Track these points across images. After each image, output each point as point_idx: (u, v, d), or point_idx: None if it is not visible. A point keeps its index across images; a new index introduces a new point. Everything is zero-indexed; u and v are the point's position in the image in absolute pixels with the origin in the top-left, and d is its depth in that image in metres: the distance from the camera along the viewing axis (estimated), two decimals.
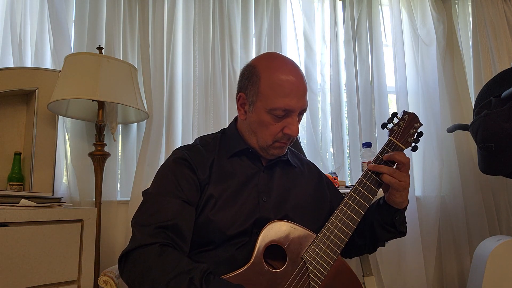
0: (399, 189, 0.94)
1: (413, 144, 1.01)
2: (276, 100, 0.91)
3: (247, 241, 0.91)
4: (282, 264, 0.87)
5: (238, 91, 1.02)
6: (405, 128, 1.00)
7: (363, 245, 1.09)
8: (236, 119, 1.10)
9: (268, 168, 1.03)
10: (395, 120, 1.02)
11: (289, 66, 0.96)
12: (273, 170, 1.03)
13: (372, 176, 0.96)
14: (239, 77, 1.03)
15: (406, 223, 1.06)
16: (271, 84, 0.92)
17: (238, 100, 1.01)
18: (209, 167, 0.97)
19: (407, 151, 1.02)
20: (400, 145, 0.99)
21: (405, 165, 0.94)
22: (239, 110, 1.02)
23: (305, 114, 1.02)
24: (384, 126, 1.03)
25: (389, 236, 1.04)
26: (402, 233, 1.05)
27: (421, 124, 1.02)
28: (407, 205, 1.00)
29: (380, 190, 0.99)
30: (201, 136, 1.10)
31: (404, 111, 1.04)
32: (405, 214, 2.15)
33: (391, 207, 0.99)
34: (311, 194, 1.06)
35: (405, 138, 1.00)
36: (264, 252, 0.86)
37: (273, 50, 2.11)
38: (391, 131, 1.02)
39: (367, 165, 0.99)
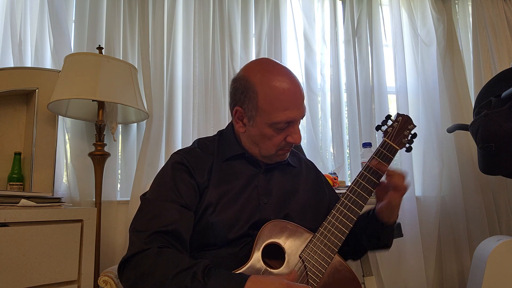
0: (392, 203, 0.94)
1: (407, 145, 1.02)
2: (277, 114, 0.91)
3: (250, 241, 0.92)
4: (280, 264, 0.87)
5: (234, 105, 0.99)
6: (399, 130, 1.02)
7: (348, 251, 1.07)
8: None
9: (267, 171, 1.03)
10: (389, 122, 1.04)
11: (284, 75, 0.93)
12: (272, 172, 1.03)
13: (368, 176, 0.97)
14: (232, 89, 1.00)
15: (393, 237, 1.04)
16: (270, 99, 0.91)
17: (234, 114, 0.99)
18: (208, 171, 0.97)
19: (403, 153, 1.03)
20: (395, 145, 1.00)
21: (401, 188, 0.94)
22: (236, 123, 1.00)
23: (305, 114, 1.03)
24: (378, 128, 1.05)
25: (372, 247, 1.04)
26: (386, 246, 1.04)
27: (415, 126, 1.03)
28: (396, 220, 1.00)
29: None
30: (199, 139, 1.09)
31: (397, 113, 1.05)
32: (405, 214, 2.15)
33: (379, 221, 0.99)
34: (311, 195, 1.06)
35: (399, 139, 1.01)
36: (262, 251, 0.86)
37: (273, 50, 2.11)
38: (385, 132, 1.03)
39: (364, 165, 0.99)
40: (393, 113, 1.11)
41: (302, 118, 0.98)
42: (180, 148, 1.90)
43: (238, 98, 0.97)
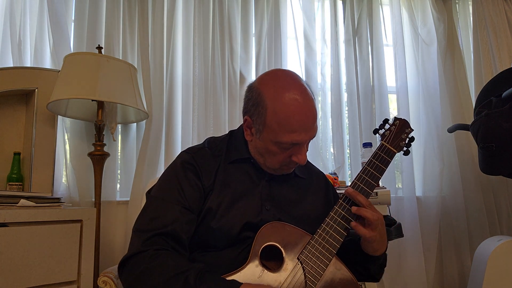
0: (367, 240, 0.90)
1: (404, 148, 1.03)
2: (283, 135, 0.88)
3: (250, 243, 0.91)
4: (278, 265, 0.86)
5: (245, 113, 0.97)
6: (397, 133, 1.03)
7: None
8: None
9: (272, 178, 1.01)
10: (387, 126, 1.05)
11: (298, 94, 0.89)
12: (277, 180, 1.02)
13: (366, 178, 0.97)
14: (245, 97, 0.98)
15: (385, 266, 1.01)
16: (278, 119, 0.88)
17: (244, 121, 0.98)
18: (215, 174, 0.97)
19: (401, 156, 1.04)
20: (392, 149, 1.00)
21: (373, 223, 0.89)
22: (245, 130, 0.99)
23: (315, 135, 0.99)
24: (376, 131, 1.06)
25: (361, 277, 1.00)
26: (374, 278, 1.01)
27: (412, 130, 1.04)
28: (384, 251, 0.96)
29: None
30: (210, 138, 1.08)
31: (395, 117, 1.06)
32: (406, 214, 2.15)
33: (366, 253, 0.95)
34: (320, 208, 1.04)
35: (397, 142, 1.02)
36: (260, 253, 0.86)
37: (273, 50, 2.10)
38: (382, 136, 1.04)
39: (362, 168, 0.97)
40: (393, 113, 1.12)
41: (311, 139, 0.94)
42: (179, 148, 1.92)
43: (248, 108, 0.95)
